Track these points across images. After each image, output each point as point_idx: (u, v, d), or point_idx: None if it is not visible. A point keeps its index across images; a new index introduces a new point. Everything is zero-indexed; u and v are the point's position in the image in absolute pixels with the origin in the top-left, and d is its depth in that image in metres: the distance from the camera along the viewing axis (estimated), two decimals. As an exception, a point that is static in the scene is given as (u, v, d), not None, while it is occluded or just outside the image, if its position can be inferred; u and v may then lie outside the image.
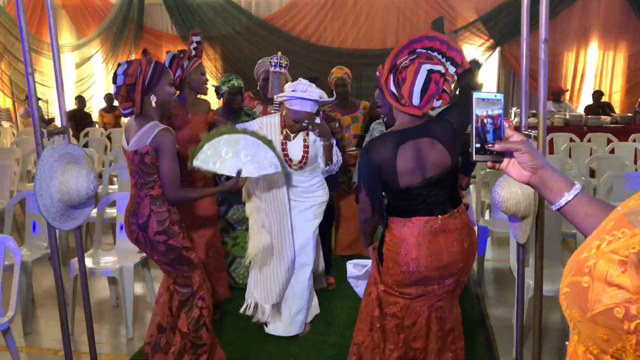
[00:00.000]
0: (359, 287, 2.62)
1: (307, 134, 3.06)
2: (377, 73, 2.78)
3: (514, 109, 8.57)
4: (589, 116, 8.08)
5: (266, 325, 3.26)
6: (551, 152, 6.73)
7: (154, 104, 2.46)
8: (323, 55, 10.46)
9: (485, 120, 1.17)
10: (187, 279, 2.62)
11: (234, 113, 3.87)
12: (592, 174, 5.68)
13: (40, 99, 10.44)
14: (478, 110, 1.18)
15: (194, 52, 3.20)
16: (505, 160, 1.17)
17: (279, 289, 3.14)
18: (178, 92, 3.18)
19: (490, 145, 1.16)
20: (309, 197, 3.13)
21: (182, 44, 10.92)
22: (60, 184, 2.38)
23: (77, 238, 2.71)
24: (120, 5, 11.16)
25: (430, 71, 2.05)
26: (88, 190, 2.43)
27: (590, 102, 9.15)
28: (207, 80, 3.24)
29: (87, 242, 4.71)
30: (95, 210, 3.86)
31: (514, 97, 10.24)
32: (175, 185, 2.45)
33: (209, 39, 11.01)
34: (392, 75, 2.11)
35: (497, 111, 1.18)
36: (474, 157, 1.18)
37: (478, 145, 1.17)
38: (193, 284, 2.62)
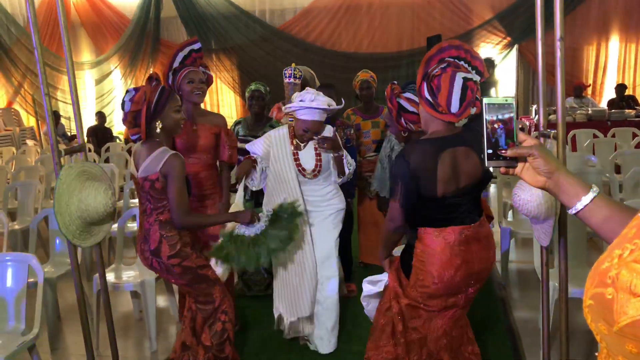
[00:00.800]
0: (370, 306, 2.57)
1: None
2: (386, 93, 2.76)
3: (534, 107, 8.45)
4: (613, 110, 7.90)
5: (310, 342, 3.23)
6: (574, 149, 6.60)
7: (158, 130, 2.46)
8: (339, 61, 10.46)
9: (496, 126, 1.15)
10: (208, 295, 2.62)
11: (257, 120, 3.85)
12: (618, 169, 5.55)
13: (62, 116, 10.67)
14: (488, 116, 1.15)
15: (178, 63, 3.06)
16: (520, 165, 1.15)
17: (306, 301, 3.09)
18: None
19: (502, 150, 1.14)
20: (326, 206, 3.11)
21: (199, 56, 11.01)
22: (78, 201, 2.40)
23: (98, 254, 2.73)
24: (137, 21, 11.33)
25: (465, 79, 2.08)
26: (106, 207, 2.45)
27: (613, 96, 8.96)
28: (196, 87, 3.04)
29: (110, 256, 4.76)
30: (116, 225, 3.91)
31: (534, 94, 10.11)
32: (184, 210, 2.43)
33: (225, 50, 11.11)
34: (425, 84, 2.12)
35: (509, 115, 1.15)
36: (487, 163, 1.15)
37: (490, 151, 1.15)
38: (214, 299, 2.62)
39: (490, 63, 8.47)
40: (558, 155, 2.17)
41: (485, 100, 1.16)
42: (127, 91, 2.45)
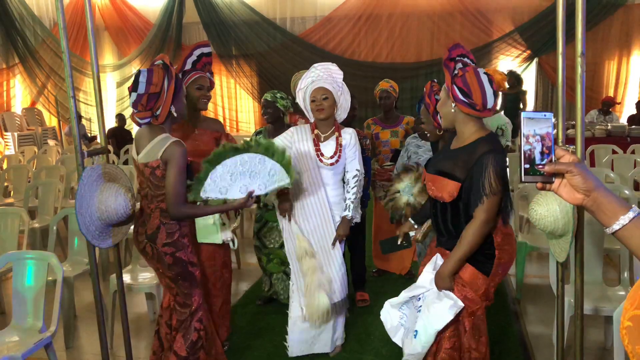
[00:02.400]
0: (397, 335, 2.43)
1: (340, 135, 3.03)
2: (425, 89, 2.82)
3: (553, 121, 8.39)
4: (633, 127, 7.80)
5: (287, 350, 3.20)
6: (592, 164, 6.53)
7: (174, 114, 2.44)
8: (358, 70, 10.48)
9: (533, 140, 1.14)
10: (187, 297, 2.57)
11: (278, 128, 3.80)
12: (637, 186, 5.48)
13: (83, 117, 10.83)
14: (526, 130, 1.14)
15: (190, 66, 2.98)
16: (557, 182, 1.13)
17: (337, 286, 3.05)
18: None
19: (539, 166, 1.12)
20: (334, 210, 3.07)
21: (219, 62, 11.13)
22: (99, 202, 2.44)
23: (116, 255, 2.77)
24: (159, 25, 11.49)
25: (486, 74, 2.17)
26: (126, 209, 2.48)
27: (634, 111, 8.84)
28: (205, 95, 3.00)
29: (127, 257, 4.82)
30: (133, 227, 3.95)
31: (552, 108, 10.03)
32: (179, 200, 2.38)
33: (245, 56, 11.21)
34: (455, 87, 2.17)
35: (546, 130, 1.14)
36: (523, 178, 1.14)
37: (527, 165, 1.13)
38: (192, 303, 2.57)
39: (517, 78, 8.47)
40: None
41: (523, 114, 1.14)
42: (140, 71, 2.36)
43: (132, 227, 3.92)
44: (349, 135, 3.05)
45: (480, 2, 10.11)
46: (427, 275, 2.34)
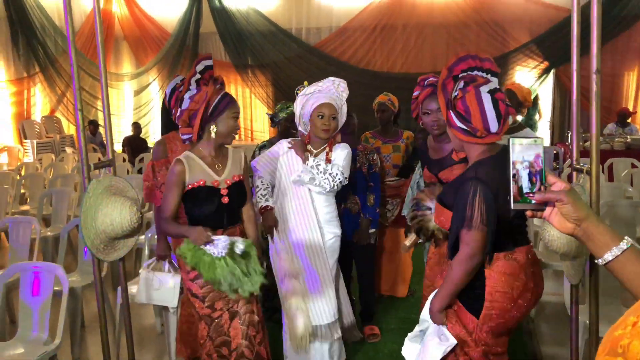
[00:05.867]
0: None
1: (331, 150, 2.94)
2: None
3: (570, 133, 8.26)
4: (654, 140, 7.64)
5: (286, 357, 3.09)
6: (610, 179, 6.39)
7: (213, 135, 2.40)
8: (373, 80, 10.45)
9: (522, 167, 1.10)
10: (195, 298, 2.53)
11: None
12: (657, 202, 5.34)
13: (100, 125, 10.94)
14: (515, 156, 1.11)
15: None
16: (548, 209, 1.09)
17: (329, 306, 2.94)
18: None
19: (529, 194, 1.09)
20: (324, 228, 2.97)
21: (235, 72, 11.19)
22: (103, 216, 2.43)
23: (121, 268, 2.76)
24: (177, 35, 11.61)
25: (491, 92, 1.90)
26: (131, 223, 2.47)
27: (655, 124, 8.69)
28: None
29: (137, 267, 4.81)
30: (143, 237, 3.95)
31: (570, 119, 9.89)
32: (162, 214, 2.43)
33: (260, 66, 11.27)
34: (452, 112, 1.94)
35: (537, 157, 1.11)
36: (513, 205, 1.11)
37: (517, 193, 1.11)
38: (199, 333, 2.52)
39: (534, 101, 8.48)
40: (591, 192, 2.10)
41: (512, 141, 1.12)
42: (189, 88, 2.39)
43: (142, 237, 3.95)
44: (340, 151, 2.94)
45: (496, 13, 10.03)
46: (426, 308, 2.12)
